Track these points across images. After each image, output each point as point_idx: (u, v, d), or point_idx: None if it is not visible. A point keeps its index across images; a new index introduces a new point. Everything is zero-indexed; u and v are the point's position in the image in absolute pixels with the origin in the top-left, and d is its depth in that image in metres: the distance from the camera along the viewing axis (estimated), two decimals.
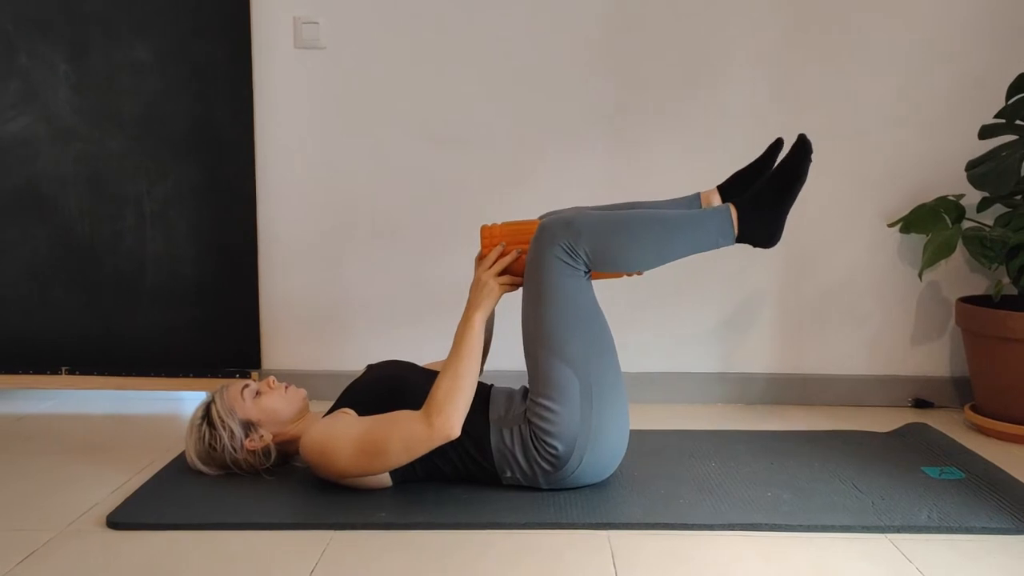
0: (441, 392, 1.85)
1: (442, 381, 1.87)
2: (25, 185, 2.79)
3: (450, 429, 1.84)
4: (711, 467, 2.15)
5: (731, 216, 1.94)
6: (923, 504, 1.92)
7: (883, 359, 2.82)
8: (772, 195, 1.94)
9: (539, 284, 1.93)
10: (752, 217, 1.93)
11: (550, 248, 1.91)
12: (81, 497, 1.98)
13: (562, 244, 1.90)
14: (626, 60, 2.74)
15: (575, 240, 1.90)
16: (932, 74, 2.72)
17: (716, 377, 2.83)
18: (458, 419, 1.85)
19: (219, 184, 2.79)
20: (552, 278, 1.91)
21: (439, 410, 1.84)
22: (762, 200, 1.94)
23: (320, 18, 2.74)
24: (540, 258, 1.92)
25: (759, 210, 1.94)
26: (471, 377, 1.89)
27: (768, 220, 1.94)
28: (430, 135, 2.78)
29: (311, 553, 1.70)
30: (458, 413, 1.85)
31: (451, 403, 1.84)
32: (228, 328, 2.84)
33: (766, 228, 1.94)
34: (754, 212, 1.94)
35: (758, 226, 1.94)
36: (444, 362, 1.92)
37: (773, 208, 1.94)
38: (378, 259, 2.83)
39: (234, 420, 2.01)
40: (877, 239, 2.79)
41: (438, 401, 1.85)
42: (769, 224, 1.94)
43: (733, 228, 1.94)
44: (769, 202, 1.94)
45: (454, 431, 1.84)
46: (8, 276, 2.82)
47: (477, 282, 1.99)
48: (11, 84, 2.76)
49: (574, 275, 1.92)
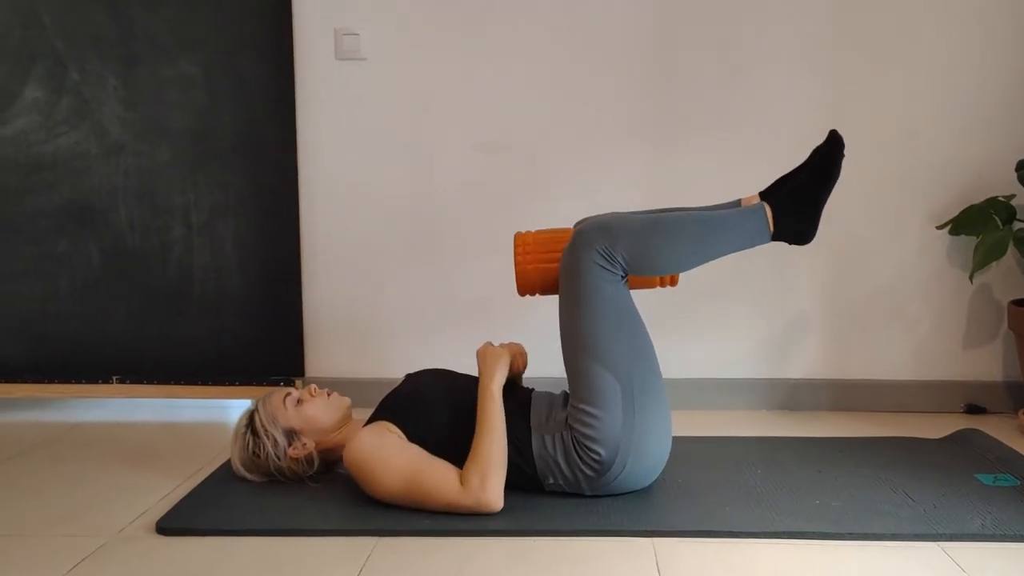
0: (480, 467, 1.86)
1: (479, 456, 1.87)
2: (77, 198, 2.86)
3: (494, 502, 1.85)
4: (757, 474, 2.12)
5: (766, 214, 1.95)
6: (976, 512, 1.88)
7: (933, 364, 2.77)
8: (805, 192, 1.94)
9: (577, 289, 1.92)
10: (786, 214, 1.94)
11: (587, 253, 1.90)
12: (131, 503, 2.02)
13: (599, 248, 1.90)
14: (666, 65, 2.72)
15: (612, 244, 1.89)
16: (982, 73, 2.67)
17: (761, 383, 2.80)
18: (499, 491, 1.86)
19: (263, 195, 2.83)
20: (590, 282, 1.90)
21: (482, 483, 1.84)
22: (797, 197, 1.95)
23: (361, 30, 2.77)
24: (577, 263, 1.92)
25: (793, 207, 1.94)
26: (503, 447, 1.90)
27: (802, 217, 1.95)
28: (470, 144, 2.79)
29: (356, 559, 1.71)
30: (499, 484, 1.86)
31: (491, 477, 1.85)
32: (272, 337, 2.87)
33: (801, 224, 1.95)
34: (788, 209, 1.94)
35: (792, 223, 1.95)
36: (475, 435, 1.91)
37: (808, 205, 1.94)
38: (418, 267, 2.85)
39: (277, 429, 2.03)
40: (926, 241, 2.74)
41: (479, 475, 1.85)
42: (804, 221, 1.95)
43: (768, 226, 1.94)
44: (803, 199, 1.94)
45: (498, 503, 1.86)
46: (61, 288, 2.89)
47: (482, 353, 2.01)
48: (63, 100, 2.82)
49: (612, 279, 1.91)
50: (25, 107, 2.83)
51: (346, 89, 2.80)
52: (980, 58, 2.66)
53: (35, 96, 2.82)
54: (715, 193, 2.61)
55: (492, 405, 1.93)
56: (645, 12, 2.71)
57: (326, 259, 2.86)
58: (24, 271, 2.88)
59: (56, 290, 2.89)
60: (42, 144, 2.84)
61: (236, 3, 2.75)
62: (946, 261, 2.74)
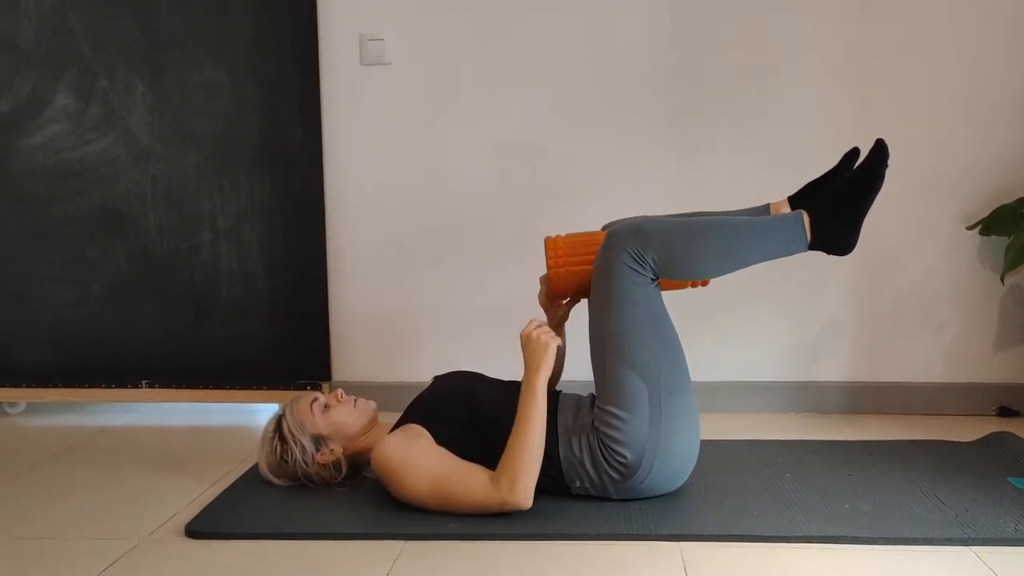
0: (512, 467, 1.84)
1: (513, 454, 1.85)
2: (106, 204, 2.89)
3: (524, 502, 1.83)
4: (785, 478, 2.10)
5: (804, 223, 1.90)
6: (1010, 516, 1.85)
7: (963, 366, 2.74)
8: (848, 200, 1.90)
9: (608, 291, 1.91)
10: (827, 223, 1.89)
11: (619, 255, 1.89)
12: (161, 507, 2.03)
13: (630, 251, 1.89)
14: (691, 67, 2.71)
15: (643, 246, 1.88)
16: (1012, 71, 2.63)
17: (790, 386, 2.77)
18: (531, 491, 1.84)
19: (289, 200, 2.85)
20: (621, 285, 1.90)
21: (511, 486, 1.82)
22: (838, 205, 1.90)
23: (385, 35, 2.78)
24: (609, 265, 1.91)
25: (834, 216, 1.90)
26: (540, 446, 1.87)
27: (844, 226, 1.90)
28: (494, 148, 2.80)
29: (383, 562, 1.71)
30: (531, 484, 1.84)
31: (523, 477, 1.83)
32: (299, 341, 2.89)
33: (842, 234, 1.90)
34: (829, 218, 1.90)
35: (834, 232, 1.90)
36: (513, 430, 1.88)
37: (849, 214, 1.90)
38: (444, 270, 2.85)
39: (304, 435, 2.03)
40: (956, 242, 2.71)
41: (510, 476, 1.83)
42: (845, 230, 1.90)
43: (806, 234, 1.90)
44: (845, 208, 1.90)
45: (527, 503, 1.83)
46: (91, 293, 2.92)
47: (527, 340, 1.93)
48: (92, 107, 2.86)
49: (642, 282, 1.90)
50: (55, 114, 2.86)
51: (371, 94, 2.81)
52: (1007, 56, 2.63)
53: (65, 103, 2.86)
54: (740, 196, 2.59)
55: (534, 402, 1.88)
56: (667, 14, 2.70)
57: (352, 263, 2.87)
58: (53, 276, 2.92)
59: (85, 295, 2.92)
60: (71, 151, 2.88)
61: (262, 9, 2.77)
62: (977, 262, 2.71)
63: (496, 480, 1.84)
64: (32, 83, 2.86)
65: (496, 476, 1.85)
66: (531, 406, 1.88)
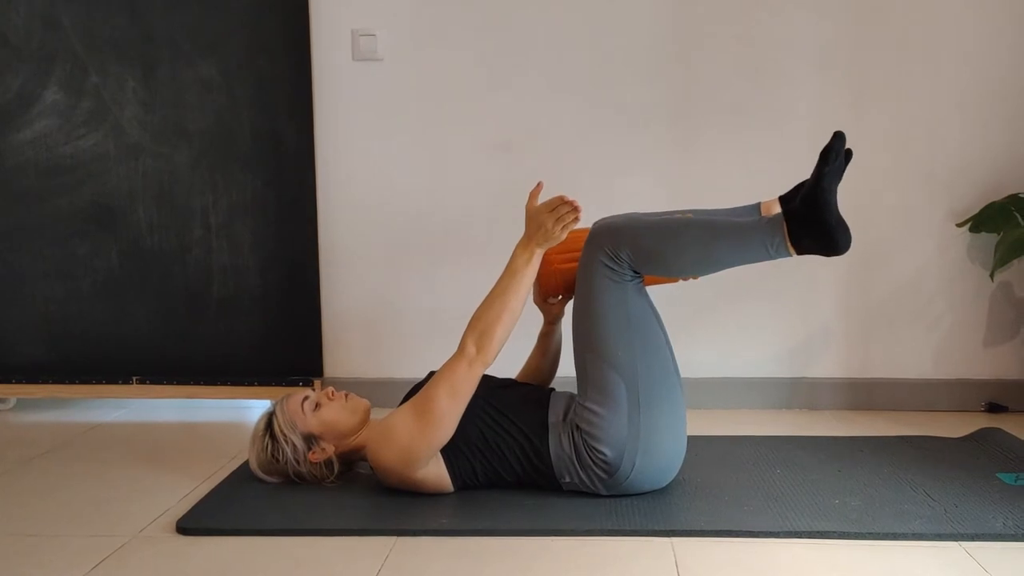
0: (483, 322, 1.86)
1: (484, 311, 1.87)
2: (97, 200, 2.88)
3: (489, 357, 1.85)
4: (776, 474, 2.11)
5: (782, 227, 1.80)
6: (998, 511, 1.86)
7: (953, 362, 2.75)
8: (808, 203, 1.77)
9: (586, 289, 1.93)
10: (799, 226, 1.78)
11: (596, 253, 1.91)
12: (152, 503, 2.03)
13: (606, 249, 1.90)
14: (686, 64, 2.71)
15: (617, 245, 1.89)
16: (1001, 69, 2.64)
17: (780, 382, 2.78)
18: (497, 349, 1.86)
19: (281, 196, 2.84)
20: (597, 282, 1.91)
21: (480, 340, 1.86)
22: (802, 208, 1.78)
23: (378, 30, 2.77)
24: (588, 264, 1.93)
25: (804, 218, 1.77)
26: (515, 314, 1.88)
27: (813, 226, 1.77)
28: (488, 144, 2.80)
29: (374, 558, 1.71)
30: (497, 344, 1.86)
31: (494, 331, 1.86)
32: (291, 337, 2.88)
33: (815, 235, 1.77)
34: (800, 221, 1.78)
35: (809, 235, 1.78)
36: (491, 290, 1.90)
37: (812, 214, 1.76)
38: (436, 267, 2.85)
39: (296, 434, 2.01)
40: (946, 239, 2.72)
41: (480, 331, 1.86)
42: (815, 231, 1.77)
43: (784, 239, 1.80)
44: (808, 209, 1.77)
45: (491, 358, 1.86)
46: (82, 289, 2.91)
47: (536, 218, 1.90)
48: (83, 103, 2.84)
49: (619, 279, 1.91)
50: (45, 110, 2.85)
51: (363, 90, 2.80)
52: (1001, 55, 2.64)
53: (55, 99, 2.85)
54: (737, 192, 2.59)
55: (525, 264, 1.90)
56: (665, 13, 2.70)
57: (344, 260, 2.87)
58: (45, 273, 2.91)
59: (77, 291, 2.91)
60: (62, 146, 2.86)
61: (254, 5, 2.77)
62: (966, 259, 2.72)
63: (462, 344, 1.87)
64: (22, 78, 2.85)
65: (462, 340, 1.88)
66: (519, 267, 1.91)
